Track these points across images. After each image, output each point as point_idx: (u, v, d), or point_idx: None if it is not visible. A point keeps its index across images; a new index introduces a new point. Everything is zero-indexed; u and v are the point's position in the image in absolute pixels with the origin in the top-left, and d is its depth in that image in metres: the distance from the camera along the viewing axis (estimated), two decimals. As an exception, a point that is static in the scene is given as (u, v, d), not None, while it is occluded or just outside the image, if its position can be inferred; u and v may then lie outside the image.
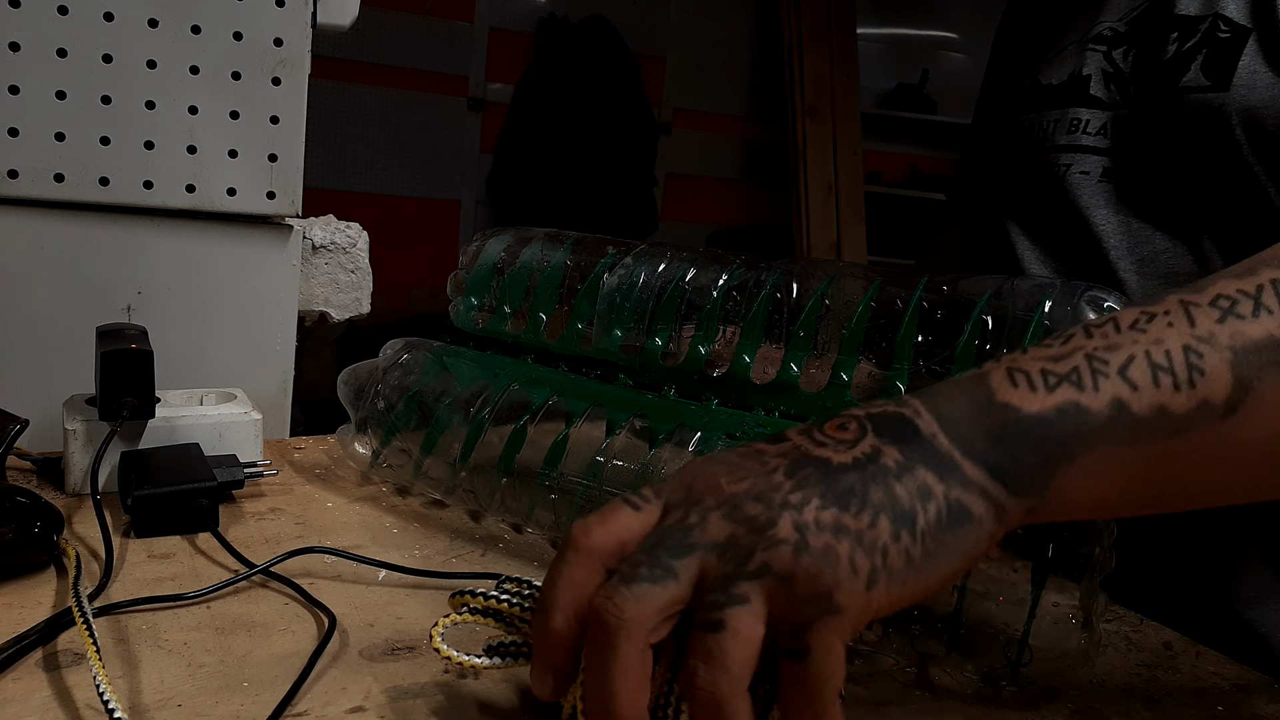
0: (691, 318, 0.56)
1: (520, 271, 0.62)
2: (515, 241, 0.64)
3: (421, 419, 0.61)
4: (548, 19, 3.62)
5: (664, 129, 3.88)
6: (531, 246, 0.63)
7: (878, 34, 4.09)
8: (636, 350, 0.57)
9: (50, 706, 0.37)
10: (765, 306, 0.54)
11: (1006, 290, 0.48)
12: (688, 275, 0.56)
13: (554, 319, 0.61)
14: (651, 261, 0.58)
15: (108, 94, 0.66)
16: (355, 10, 0.75)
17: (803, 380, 0.52)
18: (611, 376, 0.58)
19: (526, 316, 0.61)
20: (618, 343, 0.57)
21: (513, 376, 0.60)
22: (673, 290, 0.56)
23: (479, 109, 3.58)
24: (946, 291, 0.50)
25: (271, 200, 0.72)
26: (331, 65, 3.23)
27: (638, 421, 0.54)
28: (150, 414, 0.59)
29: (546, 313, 0.61)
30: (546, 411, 0.56)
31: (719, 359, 0.55)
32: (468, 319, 0.65)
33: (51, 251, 0.67)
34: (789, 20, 3.65)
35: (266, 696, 0.39)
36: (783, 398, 0.53)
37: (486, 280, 0.64)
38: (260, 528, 0.56)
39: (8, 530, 0.47)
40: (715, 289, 0.55)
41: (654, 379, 0.56)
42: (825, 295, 0.53)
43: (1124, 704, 0.45)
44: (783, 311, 0.53)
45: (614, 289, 0.58)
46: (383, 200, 3.45)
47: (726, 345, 0.55)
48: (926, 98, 4.09)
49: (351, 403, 0.64)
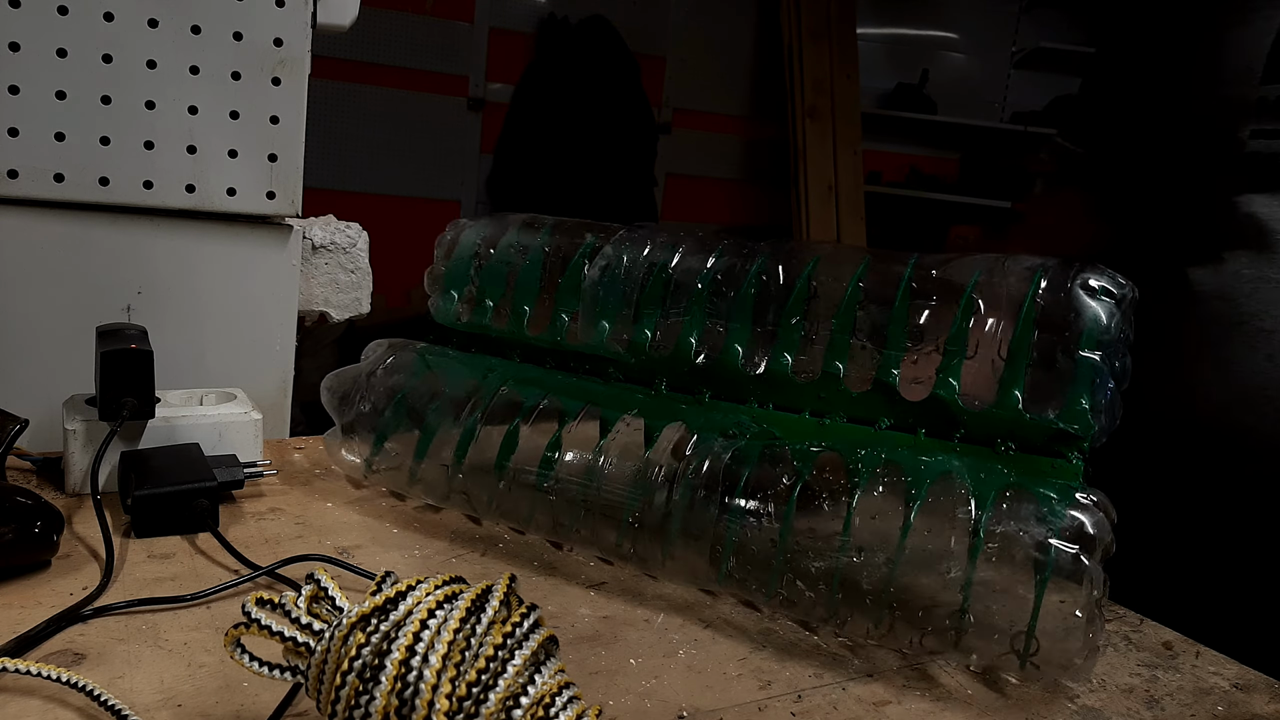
0: (679, 304, 0.54)
1: (498, 263, 0.60)
2: (491, 230, 0.63)
3: (411, 423, 0.59)
4: (548, 19, 3.62)
5: (664, 129, 3.88)
6: (509, 235, 0.61)
7: (878, 34, 4.09)
8: (625, 342, 0.56)
9: (50, 706, 0.37)
10: (752, 292, 0.52)
11: (998, 270, 0.48)
12: (672, 261, 0.55)
13: (538, 310, 0.59)
14: (633, 248, 0.56)
15: (108, 94, 0.66)
16: (355, 10, 0.75)
17: (794, 370, 0.51)
18: (602, 370, 0.57)
19: (509, 310, 0.60)
20: (604, 335, 0.56)
21: (502, 377, 0.58)
22: (656, 277, 0.55)
23: (479, 109, 3.58)
24: (936, 275, 0.50)
25: (271, 200, 0.72)
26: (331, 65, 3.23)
27: (630, 420, 0.54)
28: (150, 414, 0.59)
29: (529, 305, 0.59)
30: (539, 412, 0.56)
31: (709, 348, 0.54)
32: (449, 314, 0.63)
33: (51, 251, 0.67)
34: (789, 20, 3.66)
35: (266, 697, 0.39)
36: (775, 389, 0.52)
37: (464, 272, 0.62)
38: (260, 528, 0.56)
39: (8, 530, 0.47)
40: (701, 275, 0.54)
41: (644, 371, 0.55)
42: (812, 279, 0.52)
43: (1124, 704, 0.45)
44: (770, 297, 0.52)
45: (596, 281, 0.57)
46: (383, 200, 3.45)
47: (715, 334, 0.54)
48: (926, 98, 4.09)
49: (336, 409, 0.63)
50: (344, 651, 0.33)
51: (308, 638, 0.35)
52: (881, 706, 0.43)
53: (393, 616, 0.33)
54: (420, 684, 0.32)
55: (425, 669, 0.32)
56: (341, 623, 0.33)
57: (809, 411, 0.51)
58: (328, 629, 0.34)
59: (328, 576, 0.36)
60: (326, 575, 0.36)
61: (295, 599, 0.35)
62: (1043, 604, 0.43)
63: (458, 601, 0.34)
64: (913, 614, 0.45)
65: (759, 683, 0.44)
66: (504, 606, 0.34)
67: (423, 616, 0.33)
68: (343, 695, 0.32)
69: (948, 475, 0.45)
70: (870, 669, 0.47)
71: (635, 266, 0.56)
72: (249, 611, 0.35)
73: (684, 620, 0.50)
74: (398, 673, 0.32)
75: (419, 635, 0.32)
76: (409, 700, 0.32)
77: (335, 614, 0.35)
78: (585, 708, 0.33)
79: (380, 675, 0.32)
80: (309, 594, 0.36)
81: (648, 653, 0.46)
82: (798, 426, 0.52)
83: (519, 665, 0.33)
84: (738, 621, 0.50)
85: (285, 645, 0.35)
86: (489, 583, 0.35)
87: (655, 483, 0.50)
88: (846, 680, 0.45)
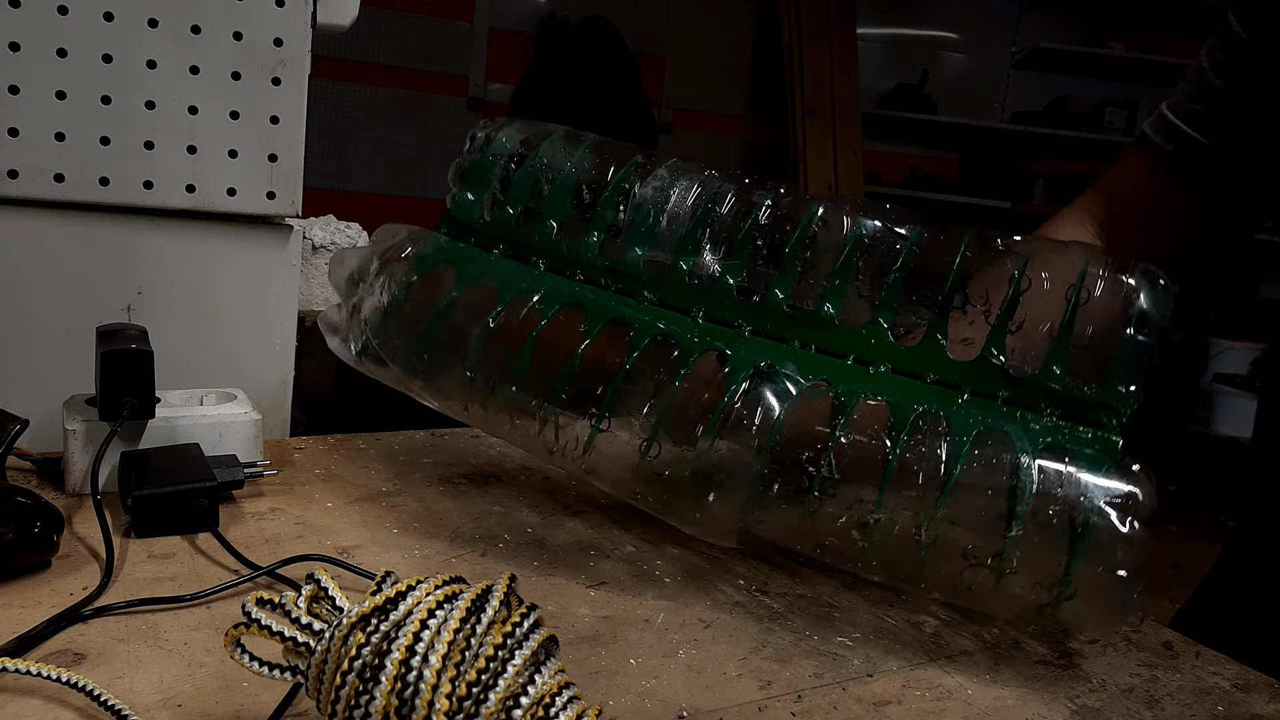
0: (726, 238, 0.54)
1: (532, 169, 0.58)
2: (529, 134, 0.60)
3: (424, 309, 0.56)
4: (548, 19, 3.62)
5: (664, 129, 3.88)
6: (548, 143, 0.59)
7: (878, 34, 4.09)
8: (662, 267, 0.54)
9: (50, 706, 0.37)
10: (803, 238, 0.52)
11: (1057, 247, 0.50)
12: (721, 192, 0.54)
13: (569, 224, 0.57)
14: (687, 177, 0.55)
15: (108, 94, 0.66)
16: (355, 10, 0.75)
17: (841, 317, 0.51)
18: (635, 293, 0.55)
19: (539, 217, 0.57)
20: (641, 259, 0.54)
21: (534, 281, 0.55)
22: (705, 208, 0.54)
23: (479, 109, 3.58)
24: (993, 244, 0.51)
25: (271, 200, 0.72)
26: (331, 65, 3.23)
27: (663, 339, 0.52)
28: (150, 414, 0.59)
29: (562, 215, 0.56)
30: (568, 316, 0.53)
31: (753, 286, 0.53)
32: (470, 210, 0.60)
33: (51, 251, 0.67)
34: (789, 20, 3.66)
35: (266, 697, 0.39)
36: (820, 333, 0.52)
37: (494, 171, 0.59)
38: (260, 528, 0.56)
39: (8, 530, 0.47)
40: (755, 211, 0.53)
41: (681, 300, 0.54)
42: (865, 235, 0.52)
43: (1124, 704, 0.46)
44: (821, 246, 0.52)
45: (646, 200, 0.55)
46: (383, 200, 3.45)
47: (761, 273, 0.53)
48: (926, 98, 4.09)
49: (342, 288, 0.60)
50: (344, 651, 0.33)
51: (308, 638, 0.35)
52: (881, 706, 0.43)
53: (393, 616, 0.33)
54: (420, 684, 0.32)
55: (425, 669, 0.32)
56: (341, 623, 0.33)
57: (853, 358, 0.52)
58: (328, 629, 0.34)
59: (328, 576, 0.36)
60: (326, 575, 0.36)
61: (295, 599, 0.35)
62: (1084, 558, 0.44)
63: (458, 601, 0.34)
64: (953, 553, 0.46)
65: (759, 683, 0.44)
66: (504, 606, 0.34)
67: (423, 616, 0.33)
68: (343, 695, 0.32)
69: (995, 427, 0.48)
70: (870, 669, 0.47)
71: (685, 191, 0.55)
72: (249, 611, 0.35)
73: (684, 620, 0.50)
74: (398, 673, 0.32)
75: (419, 635, 0.32)
76: (409, 700, 0.32)
77: (335, 614, 0.35)
78: (585, 708, 0.33)
79: (380, 675, 0.32)
80: (309, 594, 0.36)
81: (648, 653, 0.46)
82: (843, 371, 0.51)
83: (519, 665, 0.33)
84: (738, 621, 0.50)
85: (285, 645, 0.35)
86: (489, 583, 0.35)
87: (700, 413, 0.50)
88: (846, 680, 0.45)
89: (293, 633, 0.35)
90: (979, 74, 4.26)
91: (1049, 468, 0.46)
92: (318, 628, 0.35)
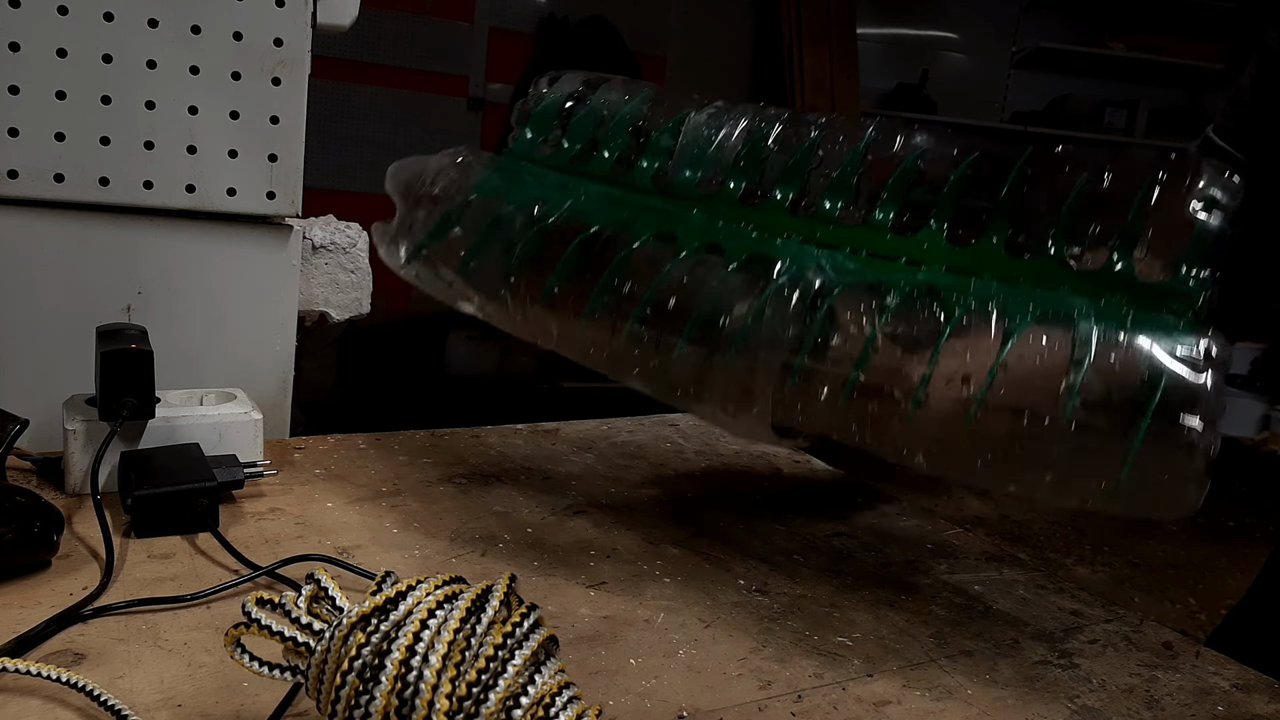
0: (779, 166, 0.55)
1: (593, 108, 0.61)
2: (590, 81, 0.63)
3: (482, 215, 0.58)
4: (548, 19, 3.62)
5: (664, 129, 3.87)
6: (606, 87, 0.62)
7: (878, 34, 4.09)
8: (714, 189, 0.56)
9: (50, 706, 0.37)
10: (856, 163, 0.52)
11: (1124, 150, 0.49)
12: (775, 124, 0.55)
13: (625, 155, 0.59)
14: (740, 109, 0.57)
15: (108, 94, 0.66)
16: (355, 10, 0.75)
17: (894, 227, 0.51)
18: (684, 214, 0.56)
19: (593, 151, 0.60)
20: (694, 180, 0.56)
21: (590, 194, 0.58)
22: (762, 132, 0.55)
23: (479, 109, 3.58)
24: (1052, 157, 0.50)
25: (271, 200, 0.72)
26: (331, 65, 3.23)
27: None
28: (150, 414, 0.59)
29: (617, 149, 0.59)
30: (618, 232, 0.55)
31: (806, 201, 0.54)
32: (528, 149, 0.62)
33: (51, 251, 0.67)
34: (789, 20, 3.66)
35: (266, 697, 0.39)
36: (872, 239, 0.51)
37: (557, 113, 0.62)
38: (260, 528, 0.56)
39: (8, 530, 0.47)
40: (810, 138, 0.54)
41: (730, 217, 0.55)
42: (919, 159, 0.52)
43: (1124, 704, 0.46)
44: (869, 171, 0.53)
45: (700, 125, 0.57)
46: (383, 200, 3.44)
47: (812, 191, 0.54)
48: (926, 98, 4.09)
49: (401, 193, 0.62)
50: (344, 651, 0.33)
51: (308, 638, 0.35)
52: (881, 706, 0.43)
53: (393, 616, 0.33)
54: (420, 684, 0.32)
55: (425, 669, 0.32)
56: (341, 623, 0.34)
57: (906, 260, 0.51)
58: (328, 629, 0.34)
59: (328, 576, 0.36)
60: (326, 575, 0.36)
61: (295, 599, 0.35)
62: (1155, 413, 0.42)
63: (458, 601, 0.34)
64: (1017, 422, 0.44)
65: (759, 683, 0.44)
66: (504, 606, 0.34)
67: (423, 616, 0.33)
68: (343, 695, 0.32)
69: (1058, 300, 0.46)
70: (870, 669, 0.47)
71: (737, 118, 0.56)
72: (249, 611, 0.35)
73: (684, 620, 0.50)
74: (398, 673, 0.32)
75: (419, 635, 0.32)
76: (409, 700, 0.32)
77: (335, 614, 0.35)
78: (585, 708, 0.33)
79: (380, 675, 0.32)
80: (309, 594, 0.36)
81: (648, 653, 0.46)
82: (896, 269, 0.51)
83: (519, 665, 0.33)
84: (738, 621, 0.50)
85: (285, 645, 0.35)
86: (489, 583, 0.35)
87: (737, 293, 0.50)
88: (846, 680, 0.45)
89: (293, 633, 0.35)
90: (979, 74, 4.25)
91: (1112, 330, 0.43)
92: (318, 628, 0.35)
